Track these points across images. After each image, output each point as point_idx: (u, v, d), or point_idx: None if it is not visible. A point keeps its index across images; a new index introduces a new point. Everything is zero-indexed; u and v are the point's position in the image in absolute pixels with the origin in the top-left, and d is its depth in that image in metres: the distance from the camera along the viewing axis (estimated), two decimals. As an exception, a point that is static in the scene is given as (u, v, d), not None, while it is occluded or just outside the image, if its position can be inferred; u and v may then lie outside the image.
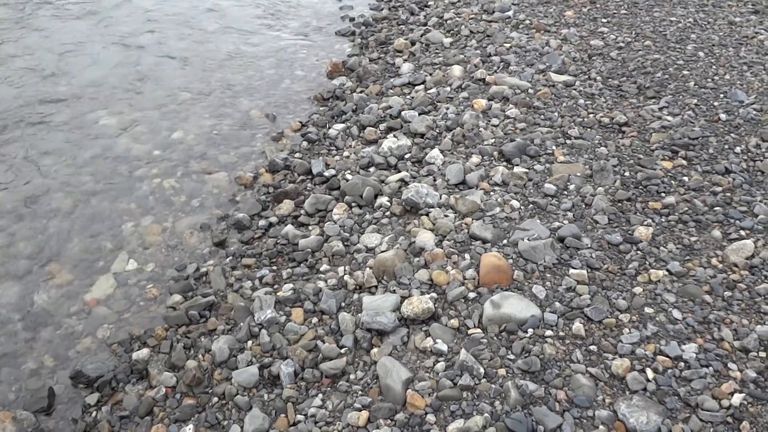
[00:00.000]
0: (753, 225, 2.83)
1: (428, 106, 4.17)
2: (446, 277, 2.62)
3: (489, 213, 2.99)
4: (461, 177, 3.29)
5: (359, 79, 4.97)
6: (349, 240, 3.07)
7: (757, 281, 2.53)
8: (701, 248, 2.75)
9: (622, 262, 2.69)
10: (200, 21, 6.18)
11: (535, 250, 2.70)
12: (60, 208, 3.63)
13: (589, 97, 4.07)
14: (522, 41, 4.93)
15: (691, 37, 4.92)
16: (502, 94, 4.09)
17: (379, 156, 3.66)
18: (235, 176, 3.90)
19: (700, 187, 3.13)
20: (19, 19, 5.95)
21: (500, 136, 3.68)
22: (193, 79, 5.05)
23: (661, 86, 4.15)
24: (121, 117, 4.49)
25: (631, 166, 3.33)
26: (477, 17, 5.64)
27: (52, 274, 3.20)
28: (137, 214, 3.61)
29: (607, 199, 3.06)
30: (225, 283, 3.03)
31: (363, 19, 6.31)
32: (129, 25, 5.98)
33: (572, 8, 5.61)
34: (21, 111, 4.48)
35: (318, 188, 3.62)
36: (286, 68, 5.34)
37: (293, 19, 6.38)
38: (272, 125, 4.48)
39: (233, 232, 3.44)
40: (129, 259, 3.30)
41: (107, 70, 5.10)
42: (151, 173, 3.93)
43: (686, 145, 3.46)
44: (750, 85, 4.13)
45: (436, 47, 5.23)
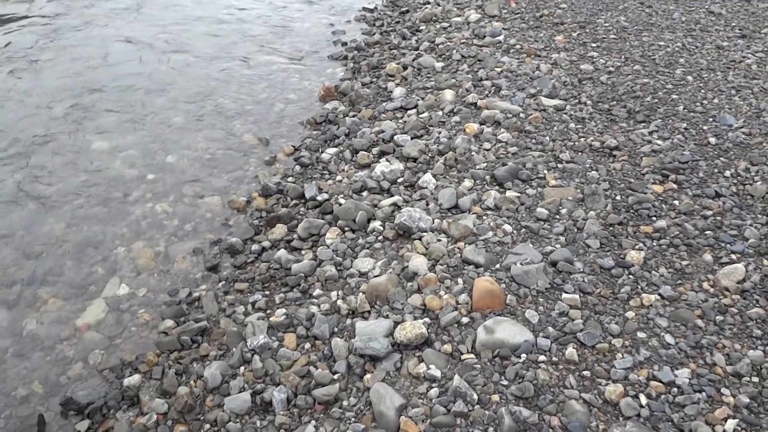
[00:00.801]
0: (744, 249, 2.85)
1: (420, 130, 4.20)
2: (439, 302, 2.62)
3: (481, 237, 3.00)
4: (454, 201, 3.31)
5: (352, 103, 5.01)
6: (342, 264, 3.07)
7: (748, 305, 2.54)
8: (693, 272, 2.76)
9: (614, 286, 2.70)
10: (194, 45, 6.22)
11: (527, 274, 2.70)
12: (52, 232, 3.62)
13: (579, 121, 4.11)
14: (513, 66, 4.98)
15: (679, 61, 4.99)
16: (494, 118, 4.13)
17: (372, 180, 3.68)
18: (228, 200, 3.90)
19: (690, 211, 3.15)
20: (14, 40, 5.99)
21: (492, 160, 3.70)
22: (186, 103, 5.06)
23: (651, 110, 4.19)
24: (114, 141, 4.50)
25: (622, 190, 3.35)
26: (468, 42, 5.70)
27: (44, 299, 3.19)
28: (129, 239, 3.60)
29: (598, 223, 3.08)
30: (217, 308, 3.02)
31: (355, 43, 6.37)
32: (122, 49, 6.02)
33: (562, 33, 5.68)
34: (13, 134, 4.48)
35: (311, 212, 3.62)
36: (278, 92, 5.37)
37: (286, 44, 6.43)
38: (265, 149, 4.50)
39: (226, 257, 3.43)
40: (121, 283, 3.29)
41: (100, 95, 5.11)
42: (144, 197, 3.93)
43: (676, 168, 3.49)
44: (738, 109, 4.18)
45: (427, 71, 5.28)
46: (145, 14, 6.98)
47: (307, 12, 7.49)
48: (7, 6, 7.02)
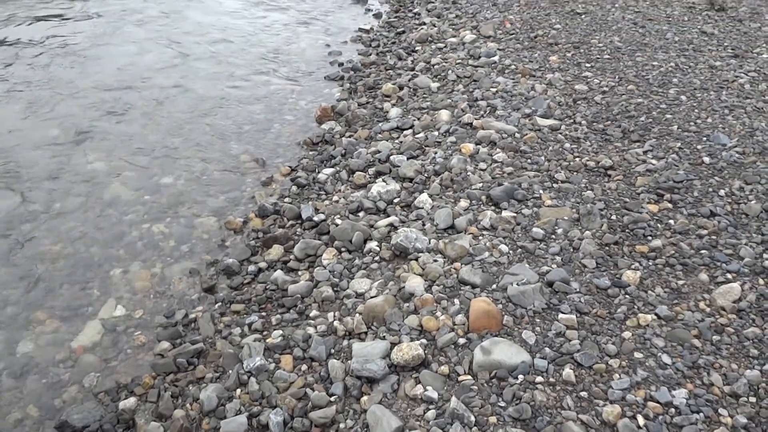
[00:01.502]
0: (739, 268, 2.86)
1: (416, 150, 4.22)
2: (436, 322, 2.62)
3: (478, 258, 3.01)
4: (450, 221, 3.32)
5: (348, 123, 5.03)
6: (338, 285, 3.07)
7: (744, 325, 2.54)
8: (689, 292, 2.77)
9: (610, 306, 2.70)
10: (190, 66, 6.25)
11: (524, 294, 2.71)
12: (48, 253, 3.62)
13: (574, 141, 4.13)
14: (508, 86, 5.02)
15: (673, 81, 5.03)
16: (489, 138, 4.15)
17: (369, 201, 3.69)
18: (224, 221, 3.91)
19: (686, 231, 3.16)
20: (10, 61, 6.02)
21: (488, 180, 3.72)
22: (182, 123, 5.08)
23: (645, 130, 4.22)
24: (111, 161, 4.51)
25: (617, 210, 3.37)
26: (463, 62, 5.75)
27: (39, 321, 3.18)
28: (126, 260, 3.60)
29: (594, 242, 3.09)
30: (214, 329, 3.01)
31: (351, 64, 6.42)
32: (118, 69, 6.04)
33: (556, 53, 5.73)
34: (10, 154, 4.49)
35: (307, 233, 3.63)
36: (275, 113, 5.40)
37: (282, 64, 6.47)
38: (262, 170, 4.51)
39: (222, 278, 3.43)
40: (117, 305, 3.28)
41: (97, 115, 5.13)
42: (141, 218, 3.93)
43: (671, 188, 3.51)
44: (732, 128, 4.21)
45: (423, 92, 5.31)
46: (141, 37, 7.02)
47: (303, 33, 7.55)
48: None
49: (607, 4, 7.26)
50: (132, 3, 8.26)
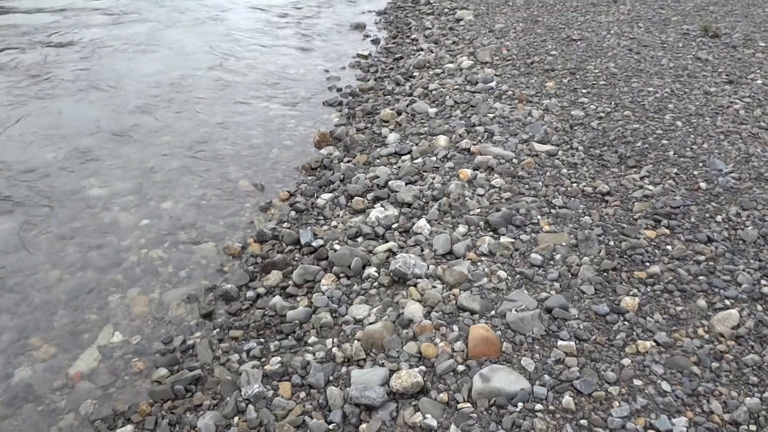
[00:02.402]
0: (737, 294, 2.87)
1: (415, 175, 4.24)
2: (435, 349, 2.61)
3: (476, 284, 3.01)
4: (448, 247, 3.33)
5: (346, 148, 5.06)
6: (337, 311, 3.06)
7: (744, 352, 2.54)
8: (687, 318, 2.77)
9: (609, 332, 2.70)
10: (190, 90, 6.30)
11: (523, 321, 2.71)
12: (46, 279, 3.61)
13: (571, 166, 4.16)
14: (505, 111, 5.06)
15: (668, 106, 5.08)
16: (487, 163, 4.17)
17: (367, 226, 3.69)
18: (223, 246, 3.91)
19: (683, 256, 3.17)
20: (11, 88, 6.06)
21: (486, 206, 3.73)
22: (182, 149, 5.11)
23: (642, 155, 4.25)
24: (110, 186, 4.52)
25: (615, 236, 3.38)
26: (461, 88, 5.80)
27: (36, 348, 3.16)
28: (124, 286, 3.59)
29: (592, 268, 3.09)
30: (212, 355, 3.00)
31: (350, 89, 6.47)
32: (117, 95, 6.09)
33: (553, 79, 5.79)
34: (9, 179, 4.50)
35: (306, 258, 3.63)
36: (274, 138, 5.43)
37: (281, 89, 6.52)
38: (261, 195, 4.52)
39: (221, 304, 3.42)
40: (114, 331, 3.27)
41: (96, 140, 5.16)
42: (139, 243, 3.93)
43: (668, 214, 3.53)
44: (728, 153, 4.25)
45: (421, 117, 5.35)
46: (141, 61, 7.08)
47: (302, 58, 7.62)
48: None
49: (603, 31, 7.35)
50: (130, 29, 8.35)
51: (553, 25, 7.67)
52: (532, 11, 8.47)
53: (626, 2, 8.92)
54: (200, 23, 8.89)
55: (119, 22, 8.67)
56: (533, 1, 9.11)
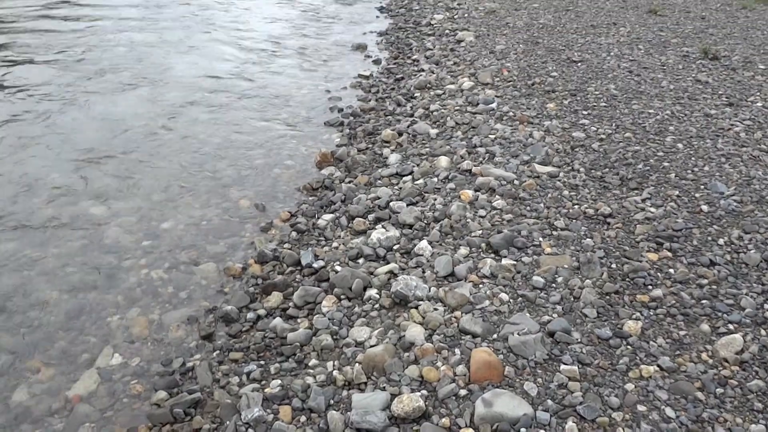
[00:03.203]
0: (741, 319, 2.85)
1: (416, 196, 4.24)
2: (437, 373, 2.59)
3: (478, 306, 3.00)
4: (450, 269, 3.32)
5: (348, 169, 5.07)
6: (338, 334, 3.04)
7: (748, 377, 2.52)
8: (691, 342, 2.75)
9: (612, 357, 2.68)
10: (190, 111, 6.32)
11: (525, 345, 2.69)
12: (45, 300, 3.59)
13: (573, 188, 4.16)
14: (506, 133, 5.07)
15: (669, 129, 5.09)
16: (488, 185, 4.17)
17: (368, 247, 3.69)
18: (223, 267, 3.90)
19: (686, 280, 3.16)
20: (12, 106, 6.08)
21: (487, 228, 3.73)
22: (183, 169, 5.12)
23: (643, 177, 4.25)
24: (111, 206, 4.52)
25: (617, 258, 3.37)
26: (462, 109, 5.82)
27: (35, 370, 3.13)
28: (124, 307, 3.57)
29: (595, 291, 3.08)
30: (211, 378, 2.97)
31: (351, 109, 6.49)
32: (119, 115, 6.11)
33: (554, 101, 5.81)
34: (11, 198, 4.50)
35: (307, 280, 3.62)
36: (275, 158, 5.44)
37: (283, 110, 6.55)
38: (261, 215, 4.52)
39: (221, 325, 3.40)
40: (114, 353, 3.25)
41: (97, 160, 5.17)
42: (139, 264, 3.92)
43: (670, 236, 3.52)
44: (729, 176, 4.25)
45: (422, 138, 5.36)
46: (141, 84, 7.12)
47: (304, 78, 7.66)
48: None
49: (603, 53, 7.39)
50: (130, 50, 8.40)
51: (553, 47, 7.71)
52: (532, 33, 8.52)
53: (626, 24, 8.98)
54: (201, 44, 8.95)
55: (119, 44, 8.72)
56: (533, 22, 9.17)
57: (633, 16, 9.55)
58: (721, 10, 10.12)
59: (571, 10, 10.01)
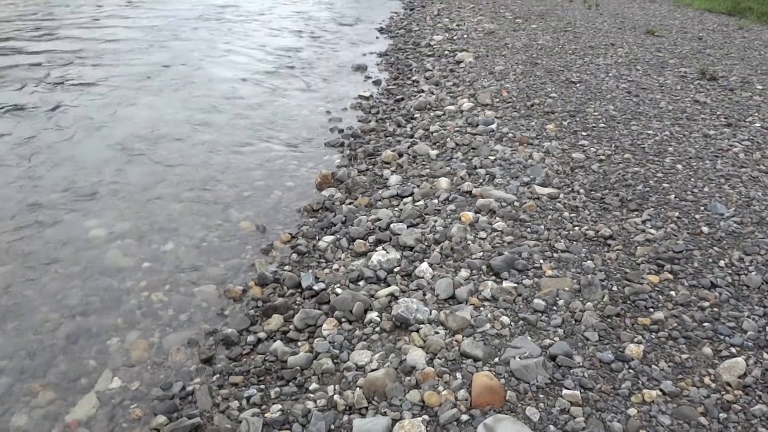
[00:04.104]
0: (743, 342, 2.85)
1: (416, 218, 4.25)
2: (438, 398, 2.58)
3: (479, 329, 2.99)
4: (451, 292, 3.31)
5: (348, 190, 5.08)
6: (338, 357, 3.03)
7: (751, 401, 2.51)
8: (693, 366, 2.74)
9: (614, 381, 2.67)
10: (192, 132, 6.35)
11: (527, 369, 2.68)
12: (45, 323, 3.58)
13: (573, 209, 4.16)
14: (506, 154, 5.09)
15: (668, 149, 5.11)
16: (489, 206, 4.18)
17: (369, 269, 3.68)
18: (224, 289, 3.89)
19: (687, 302, 3.16)
20: (14, 127, 6.11)
21: (488, 250, 3.73)
22: (184, 190, 5.12)
23: (643, 199, 4.26)
24: (112, 228, 4.52)
25: (618, 281, 3.36)
26: (462, 130, 5.84)
27: (34, 393, 3.11)
28: (124, 329, 3.56)
29: (596, 314, 3.07)
30: (211, 402, 2.95)
31: (351, 130, 6.52)
32: (119, 136, 6.13)
33: (553, 122, 5.84)
34: (10, 219, 4.50)
35: (307, 302, 3.61)
36: (276, 179, 5.45)
37: (284, 131, 6.57)
38: (262, 237, 4.52)
39: (221, 348, 3.38)
40: (113, 377, 3.23)
41: (98, 181, 5.18)
42: (140, 286, 3.91)
43: (671, 258, 3.52)
44: (729, 197, 4.26)
45: (423, 159, 5.38)
46: (142, 106, 7.16)
47: (304, 99, 7.70)
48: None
49: (601, 73, 7.45)
50: (133, 69, 8.46)
51: (552, 68, 7.76)
52: (531, 54, 8.58)
53: (624, 45, 9.05)
54: (203, 64, 9.01)
55: (122, 62, 8.78)
56: (532, 43, 9.24)
57: (631, 37, 9.63)
58: (718, 30, 10.20)
59: (569, 31, 10.09)
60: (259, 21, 12.48)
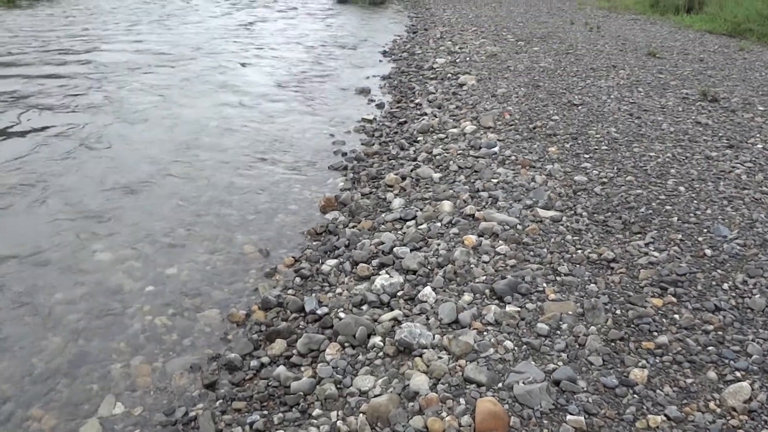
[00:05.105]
0: (748, 366, 2.83)
1: (420, 242, 4.25)
2: (441, 424, 2.57)
3: (483, 354, 2.98)
4: (454, 316, 3.31)
5: (352, 213, 5.09)
6: (342, 383, 3.02)
7: (757, 427, 2.49)
8: (698, 391, 2.73)
9: (619, 406, 2.65)
10: (195, 155, 6.39)
11: (530, 394, 2.67)
12: (48, 347, 3.58)
13: (576, 232, 4.16)
14: (508, 177, 5.10)
15: (670, 171, 5.12)
16: (492, 230, 4.19)
17: (372, 294, 3.68)
18: (227, 314, 3.89)
19: (691, 326, 3.15)
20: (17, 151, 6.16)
21: (491, 273, 3.73)
22: (188, 213, 5.15)
23: (646, 221, 4.27)
24: (117, 252, 4.54)
25: (621, 304, 3.36)
26: (464, 153, 5.87)
27: (36, 419, 3.10)
28: (127, 354, 3.56)
29: (600, 338, 3.06)
30: (214, 428, 2.94)
31: (355, 153, 6.55)
32: (123, 159, 6.18)
33: (555, 144, 5.86)
34: (16, 243, 4.53)
35: (311, 326, 3.61)
36: (280, 202, 5.47)
37: (287, 154, 6.61)
38: (265, 260, 4.53)
39: (224, 373, 3.38)
40: (116, 402, 3.22)
41: (101, 204, 5.21)
42: (144, 310, 3.92)
43: (674, 281, 3.51)
44: (731, 219, 4.26)
45: (426, 182, 5.40)
46: (146, 128, 7.22)
47: (308, 122, 7.75)
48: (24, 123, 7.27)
49: (603, 95, 7.49)
50: (138, 96, 8.54)
51: (554, 90, 7.81)
52: (533, 76, 8.64)
53: (625, 67, 9.11)
54: (206, 89, 9.09)
55: (126, 87, 8.87)
56: (534, 66, 9.30)
57: (632, 59, 9.69)
58: (719, 51, 10.26)
59: (570, 53, 10.16)
60: (262, 46, 12.60)
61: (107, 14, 16.58)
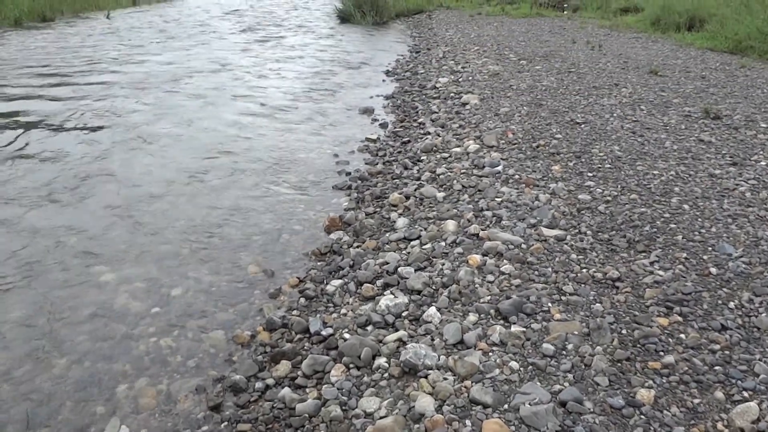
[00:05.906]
0: (755, 385, 2.82)
1: (424, 261, 4.26)
2: (448, 446, 2.56)
3: (488, 375, 2.97)
4: (459, 337, 3.30)
5: (356, 233, 5.10)
6: (347, 404, 3.01)
7: (765, 448, 2.48)
8: (705, 411, 2.71)
9: (626, 427, 2.64)
10: (200, 175, 6.42)
11: (537, 415, 2.65)
12: (53, 369, 3.58)
13: (580, 251, 4.16)
14: (512, 196, 5.11)
15: (674, 189, 5.12)
16: (496, 249, 4.19)
17: (377, 314, 3.68)
18: (232, 335, 3.89)
19: (698, 345, 3.14)
20: (18, 170, 6.20)
21: (496, 293, 3.72)
22: (192, 234, 5.16)
23: (651, 240, 4.26)
24: (122, 273, 4.55)
25: (627, 324, 3.35)
26: (468, 172, 5.88)
27: (41, 442, 3.11)
28: (132, 376, 3.55)
29: (606, 359, 3.05)
30: (219, 451, 2.94)
31: (359, 173, 6.57)
32: (127, 181, 6.21)
33: (558, 163, 5.87)
34: (21, 264, 4.54)
35: (315, 347, 3.60)
36: (284, 222, 5.48)
37: (291, 174, 6.63)
38: (270, 281, 4.53)
39: (229, 395, 3.37)
40: (121, 425, 3.21)
41: (106, 225, 5.23)
42: (148, 332, 3.92)
43: (680, 300, 3.51)
44: (736, 237, 4.25)
45: (429, 202, 5.41)
46: (149, 151, 7.26)
47: (312, 142, 7.78)
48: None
49: (606, 114, 7.51)
50: (141, 116, 8.60)
51: (556, 109, 7.84)
52: (536, 95, 8.68)
53: (627, 85, 9.14)
54: (209, 108, 9.15)
55: (127, 109, 8.93)
56: (537, 84, 9.35)
57: (634, 77, 9.73)
58: (720, 69, 10.29)
59: (573, 72, 10.21)
60: (266, 66, 12.69)
61: (101, 36, 16.76)
